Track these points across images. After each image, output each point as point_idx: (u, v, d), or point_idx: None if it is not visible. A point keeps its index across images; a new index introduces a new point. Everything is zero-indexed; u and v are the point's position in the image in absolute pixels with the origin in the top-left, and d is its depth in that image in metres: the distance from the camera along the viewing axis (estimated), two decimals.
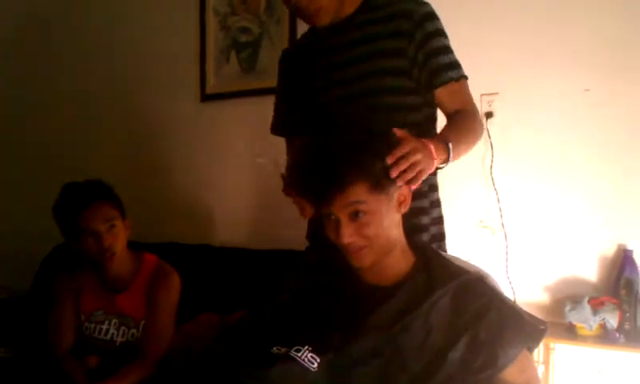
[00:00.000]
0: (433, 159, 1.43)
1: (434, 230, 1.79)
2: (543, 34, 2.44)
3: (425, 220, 1.74)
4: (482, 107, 2.52)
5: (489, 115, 2.51)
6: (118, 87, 3.42)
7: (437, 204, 1.85)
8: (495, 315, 1.32)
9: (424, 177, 1.40)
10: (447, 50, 1.73)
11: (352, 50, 1.72)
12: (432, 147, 1.43)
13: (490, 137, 2.49)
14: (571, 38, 2.41)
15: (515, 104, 2.47)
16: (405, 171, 1.35)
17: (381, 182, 1.33)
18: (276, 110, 1.99)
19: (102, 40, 3.49)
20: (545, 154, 2.46)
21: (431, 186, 1.81)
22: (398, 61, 1.69)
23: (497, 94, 2.51)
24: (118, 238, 2.19)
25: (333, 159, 1.32)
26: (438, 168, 1.54)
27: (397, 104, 1.70)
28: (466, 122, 1.71)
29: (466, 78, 1.78)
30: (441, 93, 1.73)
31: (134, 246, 2.31)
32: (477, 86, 2.51)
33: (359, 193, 1.31)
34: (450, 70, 1.72)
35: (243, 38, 3.04)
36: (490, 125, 2.49)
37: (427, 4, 1.74)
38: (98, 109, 3.47)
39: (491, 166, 2.49)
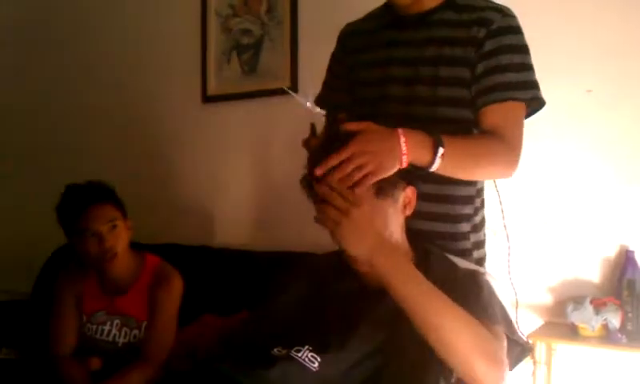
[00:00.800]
0: (396, 157, 1.30)
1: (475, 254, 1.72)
2: (545, 33, 2.44)
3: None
4: None
5: None
6: (119, 89, 3.42)
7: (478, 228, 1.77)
8: (469, 291, 1.34)
9: (376, 178, 1.28)
10: (519, 67, 1.56)
11: (419, 48, 1.60)
12: (403, 140, 1.30)
13: None
14: (574, 39, 2.41)
15: None
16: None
17: (383, 187, 1.33)
18: (325, 83, 1.87)
19: (104, 42, 3.50)
20: (547, 155, 2.46)
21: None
22: (463, 71, 1.56)
23: None
24: (119, 238, 2.19)
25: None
26: (419, 169, 1.38)
27: (451, 117, 1.57)
28: (484, 139, 1.53)
29: (523, 101, 1.59)
30: (484, 112, 1.55)
31: (135, 247, 2.31)
32: None
33: (365, 198, 1.31)
34: (510, 90, 1.54)
35: (245, 40, 3.04)
36: None
37: (513, 17, 1.58)
38: (99, 111, 3.48)
39: None
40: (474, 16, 1.56)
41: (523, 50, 1.57)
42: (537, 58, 2.43)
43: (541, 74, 2.42)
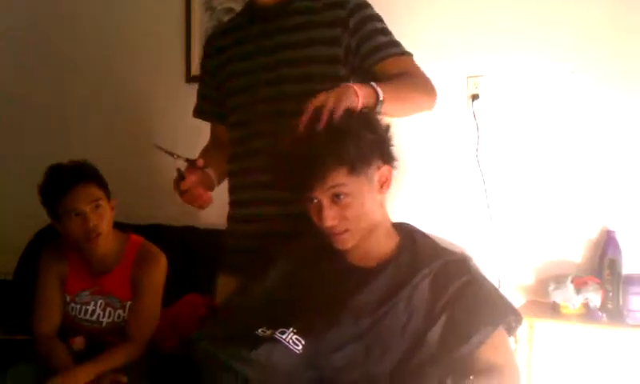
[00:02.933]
0: (355, 94, 1.39)
1: None
2: (529, 15, 2.44)
3: None
4: (467, 89, 2.52)
5: (475, 97, 2.51)
6: (104, 69, 3.38)
7: None
8: (473, 296, 1.33)
9: (345, 105, 1.36)
10: (385, 31, 1.71)
11: (284, 35, 1.70)
12: (354, 86, 1.41)
13: (475, 119, 2.50)
14: (557, 20, 2.41)
15: (501, 86, 2.48)
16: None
17: (357, 165, 1.34)
18: (199, 93, 1.97)
19: (89, 20, 3.45)
20: (530, 136, 2.47)
21: None
22: (332, 49, 1.66)
23: (482, 76, 2.51)
24: (103, 218, 2.18)
25: (311, 148, 1.33)
26: (366, 110, 1.45)
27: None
28: (405, 78, 1.64)
29: (410, 55, 1.74)
30: (382, 66, 1.67)
31: (119, 228, 2.30)
32: (462, 68, 2.55)
33: (338, 177, 1.32)
34: (392, 47, 1.69)
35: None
36: (476, 107, 2.50)
37: None
38: (83, 89, 3.44)
39: (477, 149, 2.50)
40: (329, 1, 1.69)
41: (379, 18, 1.73)
42: (522, 40, 2.46)
43: (526, 56, 2.46)
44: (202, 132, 2.03)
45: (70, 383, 2.03)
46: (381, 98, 1.44)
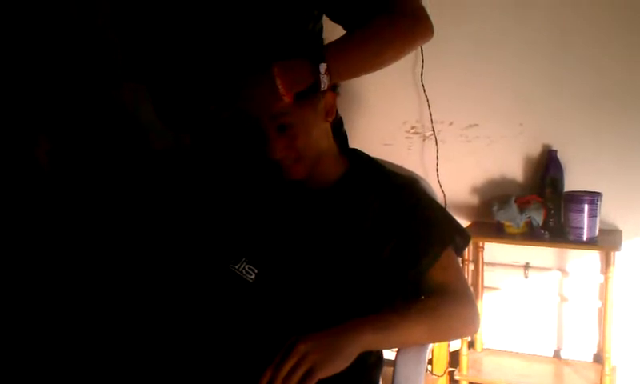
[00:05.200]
0: (276, 95, 1.26)
1: None
2: None
3: None
4: None
5: None
6: None
7: None
8: (421, 218, 1.34)
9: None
10: None
11: None
12: (278, 81, 1.26)
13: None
14: None
15: (445, 7, 2.44)
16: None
17: (299, 94, 1.30)
18: None
19: None
20: (473, 58, 2.47)
21: None
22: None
23: None
24: None
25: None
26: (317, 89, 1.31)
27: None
28: (379, 22, 1.40)
29: None
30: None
31: None
32: None
33: (281, 106, 1.29)
34: None
35: None
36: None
37: None
38: None
39: (421, 72, 2.48)
40: None
41: None
42: None
43: None
44: None
45: None
46: (322, 71, 1.29)
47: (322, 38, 1.61)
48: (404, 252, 1.31)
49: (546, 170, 2.36)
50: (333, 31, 1.51)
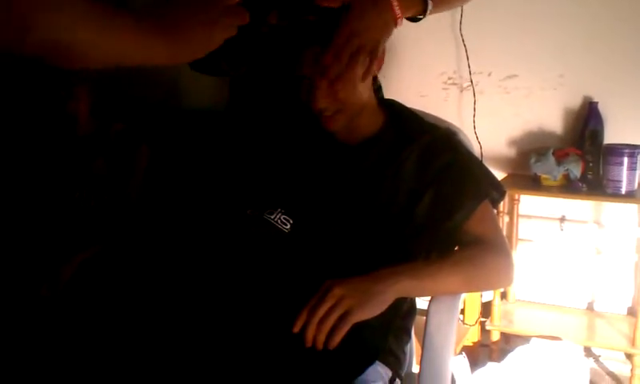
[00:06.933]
0: (390, 26, 1.29)
1: None
2: None
3: None
4: None
5: None
6: None
7: None
8: (458, 170, 1.34)
9: (376, 48, 1.27)
10: None
11: None
12: (395, 4, 1.29)
13: None
14: None
15: None
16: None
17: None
18: None
19: None
20: (514, 9, 2.42)
21: None
22: None
23: None
24: None
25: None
26: (413, 20, 1.38)
27: None
28: None
29: None
30: None
31: None
32: None
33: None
34: None
35: None
36: None
37: None
38: None
39: (460, 22, 2.44)
40: None
41: None
42: None
43: None
44: None
45: None
46: (430, 7, 1.35)
47: None
48: (440, 204, 1.32)
49: (586, 122, 2.32)
50: None
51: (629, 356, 2.35)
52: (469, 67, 2.48)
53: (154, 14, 0.94)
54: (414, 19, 1.39)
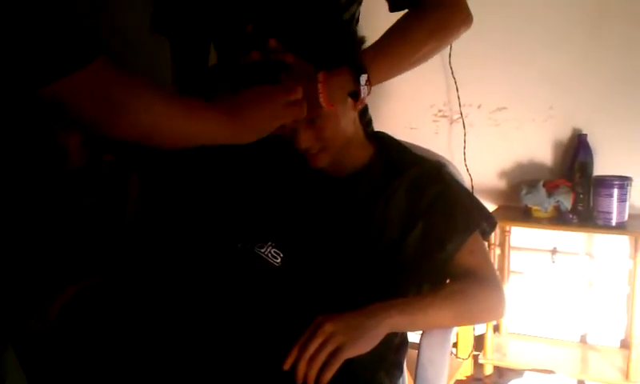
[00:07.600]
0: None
1: None
2: None
3: None
4: None
5: None
6: None
7: None
8: (448, 202, 1.34)
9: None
10: None
11: None
12: (319, 87, 1.24)
13: None
14: None
15: None
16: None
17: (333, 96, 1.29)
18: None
19: None
20: (503, 41, 2.44)
21: None
22: None
23: None
24: None
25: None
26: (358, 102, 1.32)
27: None
28: (413, 19, 1.40)
29: None
30: None
31: None
32: None
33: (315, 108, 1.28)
34: None
35: None
36: None
37: None
38: None
39: (450, 55, 2.46)
40: None
41: None
42: None
43: None
44: None
45: None
46: (363, 83, 1.29)
47: (356, 27, 1.59)
48: (431, 236, 1.31)
49: (576, 154, 2.34)
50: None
51: None
52: (458, 99, 2.50)
53: (226, 102, 1.17)
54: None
